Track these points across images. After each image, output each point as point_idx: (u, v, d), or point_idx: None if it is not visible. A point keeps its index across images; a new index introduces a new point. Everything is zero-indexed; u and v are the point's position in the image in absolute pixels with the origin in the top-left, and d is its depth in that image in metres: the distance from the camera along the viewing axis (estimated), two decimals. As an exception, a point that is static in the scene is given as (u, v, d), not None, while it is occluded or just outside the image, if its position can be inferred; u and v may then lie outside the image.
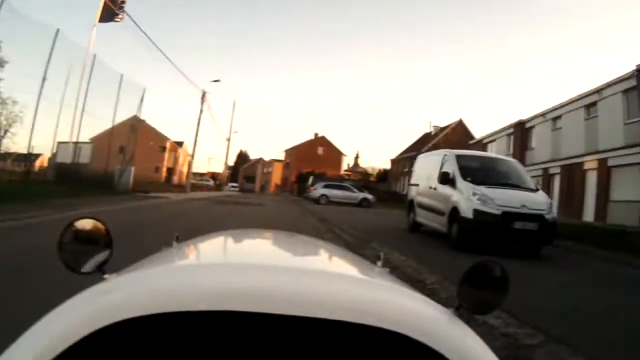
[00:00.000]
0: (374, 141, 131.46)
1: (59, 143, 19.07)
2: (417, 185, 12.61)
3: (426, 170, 12.06)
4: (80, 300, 0.83)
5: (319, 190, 32.37)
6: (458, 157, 10.71)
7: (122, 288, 0.86)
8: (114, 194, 17.47)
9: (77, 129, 18.88)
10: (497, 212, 8.84)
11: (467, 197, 9.31)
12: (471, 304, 0.93)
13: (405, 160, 49.60)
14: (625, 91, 17.69)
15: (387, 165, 58.66)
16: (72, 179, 17.74)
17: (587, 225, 15.62)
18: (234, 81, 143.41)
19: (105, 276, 0.96)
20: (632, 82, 17.12)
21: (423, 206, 11.64)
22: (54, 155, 19.51)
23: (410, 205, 12.88)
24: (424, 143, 48.91)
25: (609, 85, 18.78)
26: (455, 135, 44.49)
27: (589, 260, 9.61)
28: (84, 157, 19.13)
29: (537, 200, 9.42)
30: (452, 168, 10.29)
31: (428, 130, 54.52)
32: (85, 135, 19.84)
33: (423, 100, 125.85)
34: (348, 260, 1.47)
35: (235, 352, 0.82)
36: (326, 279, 0.96)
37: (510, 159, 12.60)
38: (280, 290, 0.84)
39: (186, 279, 0.88)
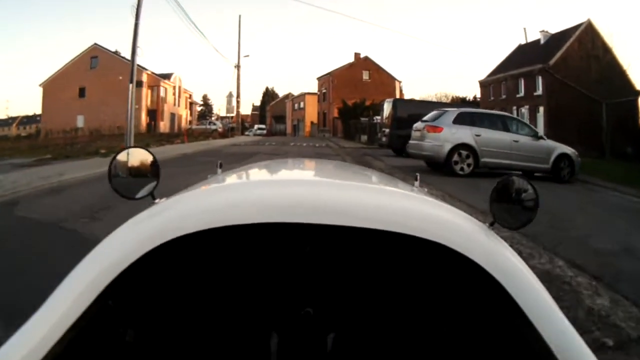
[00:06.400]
0: (418, 67, 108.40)
1: None
2: None
3: None
4: (136, 222, 0.86)
5: (448, 132, 10.37)
6: None
7: (174, 208, 0.88)
8: None
9: None
10: None
11: None
12: (505, 220, 0.95)
13: (513, 80, 31.12)
14: None
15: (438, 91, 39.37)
16: None
17: None
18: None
19: (156, 200, 1.00)
20: None
21: None
22: None
23: None
24: (529, 56, 30.57)
25: None
26: (589, 42, 26.83)
27: None
28: None
29: None
30: None
31: (523, 41, 35.83)
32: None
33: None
34: (388, 179, 1.54)
35: (280, 262, 0.88)
36: (370, 192, 0.99)
37: None
38: (325, 201, 0.85)
39: (234, 195, 0.90)
